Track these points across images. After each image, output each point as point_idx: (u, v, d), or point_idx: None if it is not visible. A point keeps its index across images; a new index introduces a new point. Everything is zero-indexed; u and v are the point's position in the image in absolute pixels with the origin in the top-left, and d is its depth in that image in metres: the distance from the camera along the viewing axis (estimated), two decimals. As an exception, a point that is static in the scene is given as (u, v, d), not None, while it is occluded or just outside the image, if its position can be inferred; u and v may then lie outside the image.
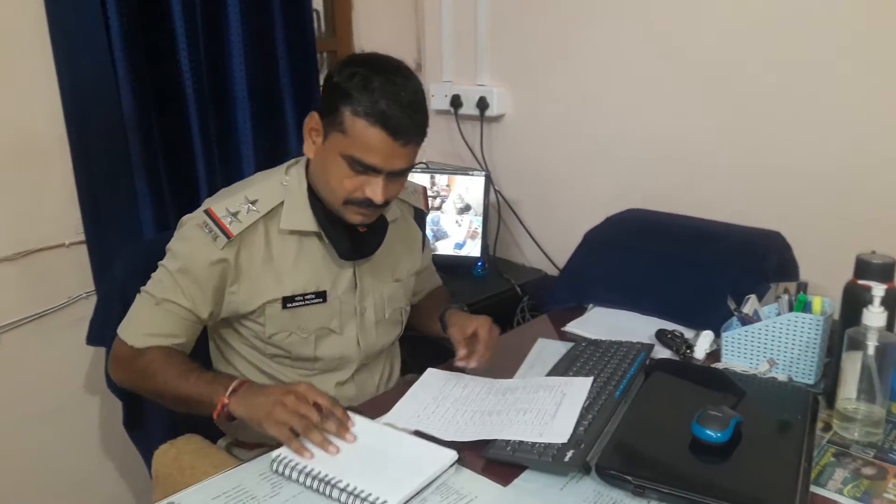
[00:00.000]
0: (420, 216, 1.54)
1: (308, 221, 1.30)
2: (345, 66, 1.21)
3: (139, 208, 1.84)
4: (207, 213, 1.27)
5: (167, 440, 1.38)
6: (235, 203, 1.28)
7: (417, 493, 1.04)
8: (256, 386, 1.21)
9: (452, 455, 1.11)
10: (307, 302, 1.33)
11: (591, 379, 1.28)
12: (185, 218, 1.32)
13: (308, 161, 1.32)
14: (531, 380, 1.34)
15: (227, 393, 1.17)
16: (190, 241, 1.28)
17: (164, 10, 1.78)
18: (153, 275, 1.31)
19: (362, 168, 1.20)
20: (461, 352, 1.36)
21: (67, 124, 1.72)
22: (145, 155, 1.82)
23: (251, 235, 1.28)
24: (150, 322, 1.29)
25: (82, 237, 1.81)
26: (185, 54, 1.83)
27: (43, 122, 1.72)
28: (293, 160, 1.37)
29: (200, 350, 1.42)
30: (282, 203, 1.30)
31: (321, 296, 1.34)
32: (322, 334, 1.36)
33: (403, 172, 1.26)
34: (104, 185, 1.78)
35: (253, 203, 1.28)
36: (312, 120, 1.25)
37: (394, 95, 1.17)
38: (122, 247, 1.77)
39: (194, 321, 1.31)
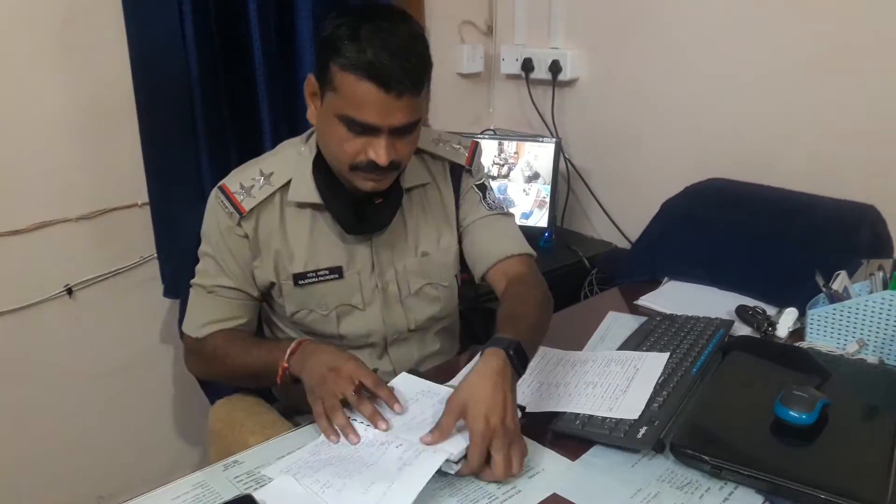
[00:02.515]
0: (457, 171, 1.38)
1: (311, 193, 1.24)
2: (334, 18, 1.11)
3: (202, 171, 1.85)
4: (221, 189, 1.25)
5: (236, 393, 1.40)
6: (249, 177, 1.24)
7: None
8: (313, 346, 1.16)
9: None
10: (321, 278, 1.28)
11: (666, 354, 1.22)
12: (210, 194, 1.29)
13: None
14: (602, 353, 1.30)
15: (286, 356, 1.14)
16: (216, 220, 1.26)
17: (233, -27, 1.77)
18: (197, 266, 1.30)
19: (360, 128, 1.11)
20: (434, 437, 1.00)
21: (135, 87, 1.74)
22: (211, 118, 1.82)
23: (267, 209, 1.25)
24: (206, 311, 1.28)
25: (153, 198, 1.84)
26: (254, 17, 1.81)
27: (118, 82, 1.74)
28: (314, 127, 1.27)
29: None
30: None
31: (336, 271, 1.28)
32: (344, 311, 1.31)
33: (408, 128, 1.14)
34: (169, 147, 1.79)
35: (267, 177, 1.24)
36: (309, 83, 1.16)
37: (382, 42, 1.06)
38: (186, 208, 1.78)
39: (247, 299, 1.29)
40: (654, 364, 1.20)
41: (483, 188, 1.41)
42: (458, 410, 0.98)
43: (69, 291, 1.81)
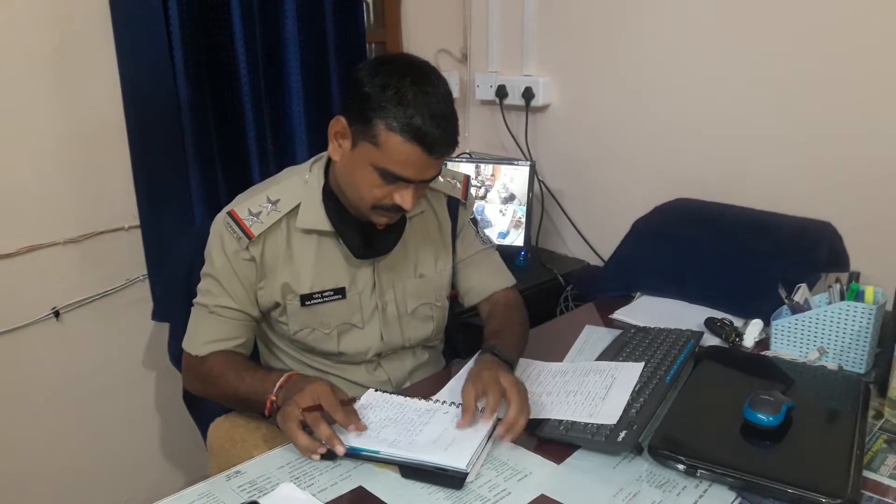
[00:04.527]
0: (454, 204, 1.49)
1: (321, 221, 1.31)
2: (375, 74, 1.17)
3: (192, 195, 1.89)
4: (230, 214, 1.30)
5: (223, 413, 1.45)
6: (257, 204, 1.30)
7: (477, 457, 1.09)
8: (297, 378, 1.20)
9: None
10: (325, 299, 1.34)
11: (642, 364, 1.30)
12: (216, 219, 1.35)
13: (329, 159, 1.31)
14: (581, 364, 1.37)
15: (275, 389, 1.19)
16: (221, 243, 1.31)
17: (222, 3, 1.83)
18: (199, 286, 1.35)
19: (394, 178, 1.19)
20: (466, 418, 1.15)
21: (126, 112, 1.78)
22: (200, 143, 1.87)
23: (273, 234, 1.30)
24: (207, 330, 1.33)
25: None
26: (241, 45, 1.87)
27: (106, 109, 1.78)
28: (318, 156, 1.37)
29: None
30: (301, 203, 1.32)
31: (340, 292, 1.35)
32: (344, 329, 1.38)
33: (433, 179, 1.25)
34: (159, 171, 1.83)
35: (275, 203, 1.30)
36: (339, 124, 1.22)
37: (428, 108, 1.15)
38: (175, 231, 1.84)
39: (248, 320, 1.35)
40: (630, 373, 1.28)
41: (475, 222, 1.55)
42: (480, 387, 1.17)
43: (56, 314, 1.82)
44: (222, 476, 1.08)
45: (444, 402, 1.23)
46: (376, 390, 1.28)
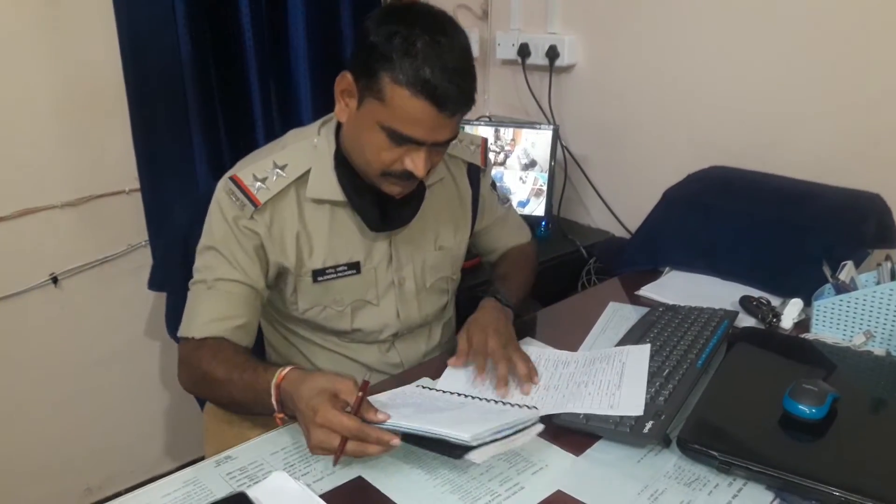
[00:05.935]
0: (474, 172, 1.41)
1: (334, 190, 1.20)
2: (382, 22, 1.06)
3: (195, 158, 1.81)
4: (233, 180, 1.18)
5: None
6: (263, 169, 1.19)
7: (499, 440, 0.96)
8: (292, 388, 1.00)
9: (535, 413, 1.04)
10: (339, 274, 1.24)
11: (648, 346, 1.20)
12: (217, 186, 1.22)
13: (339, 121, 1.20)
14: (582, 353, 1.27)
15: (276, 406, 1.02)
16: (220, 210, 1.19)
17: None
18: (196, 265, 1.22)
19: (403, 140, 1.08)
20: (460, 358, 1.18)
21: (125, 72, 1.70)
22: (202, 104, 1.78)
23: (282, 202, 1.19)
24: (206, 309, 1.18)
25: (141, 184, 1.79)
26: (244, 1, 1.77)
27: (106, 67, 1.70)
28: (326, 117, 1.25)
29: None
30: (310, 169, 1.21)
31: (354, 267, 1.25)
32: (358, 306, 1.29)
33: (448, 142, 1.14)
34: (160, 133, 1.76)
35: (282, 168, 1.19)
36: (345, 81, 1.11)
37: (439, 60, 1.03)
38: (178, 196, 1.76)
39: (252, 295, 1.20)
40: (638, 357, 1.18)
41: (494, 185, 1.50)
42: (470, 334, 1.21)
43: (54, 280, 1.77)
44: (211, 461, 1.01)
45: (485, 399, 1.12)
46: (423, 387, 1.18)
